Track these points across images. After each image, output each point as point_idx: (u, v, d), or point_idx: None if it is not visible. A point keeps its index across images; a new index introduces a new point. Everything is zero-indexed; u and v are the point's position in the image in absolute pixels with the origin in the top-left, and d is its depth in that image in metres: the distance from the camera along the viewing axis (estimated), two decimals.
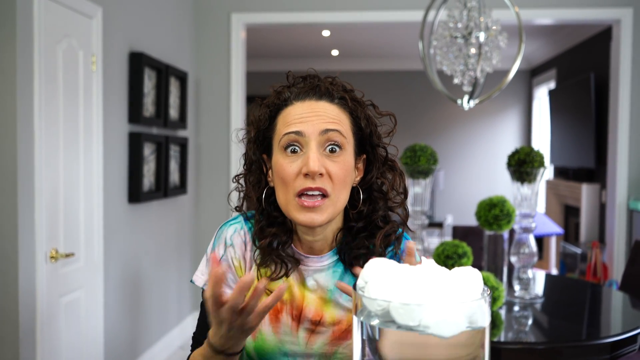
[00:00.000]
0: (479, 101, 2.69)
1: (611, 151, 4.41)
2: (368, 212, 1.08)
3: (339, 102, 1.05)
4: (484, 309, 0.59)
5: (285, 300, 1.08)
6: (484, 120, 7.98)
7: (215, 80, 4.43)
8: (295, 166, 1.00)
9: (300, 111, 1.02)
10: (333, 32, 6.38)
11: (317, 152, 0.99)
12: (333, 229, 1.08)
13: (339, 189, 1.01)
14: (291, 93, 1.06)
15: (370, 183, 1.08)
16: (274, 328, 1.08)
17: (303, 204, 0.99)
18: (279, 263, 1.06)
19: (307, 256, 1.08)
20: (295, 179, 0.99)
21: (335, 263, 1.09)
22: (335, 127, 1.01)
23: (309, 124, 1.00)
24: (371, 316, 0.60)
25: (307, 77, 1.09)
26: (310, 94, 1.04)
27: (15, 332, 2.34)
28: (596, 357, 1.96)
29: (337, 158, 1.00)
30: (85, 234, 2.83)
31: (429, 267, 0.62)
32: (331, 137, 1.00)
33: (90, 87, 2.86)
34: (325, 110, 1.02)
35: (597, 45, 5.55)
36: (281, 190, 1.02)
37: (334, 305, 1.07)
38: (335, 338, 1.07)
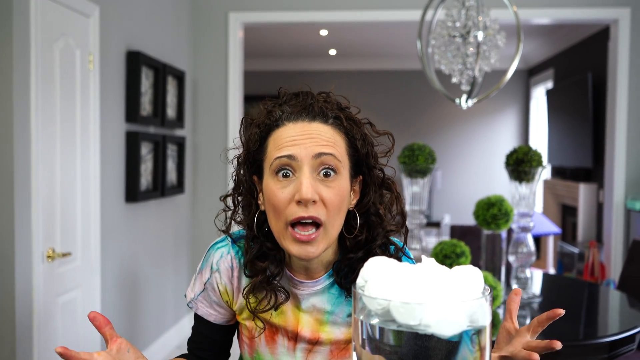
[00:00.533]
0: (477, 100, 2.69)
1: (608, 151, 4.42)
2: (366, 239, 1.02)
3: (333, 123, 0.98)
4: (485, 308, 0.59)
5: (278, 325, 1.04)
6: (482, 120, 7.99)
7: (212, 79, 4.42)
8: (287, 192, 0.94)
9: (293, 133, 0.95)
10: (331, 32, 6.38)
11: (310, 178, 0.93)
12: (328, 254, 1.03)
13: (334, 216, 0.95)
14: (283, 112, 0.99)
15: (367, 207, 1.01)
16: (271, 349, 1.05)
17: (296, 237, 0.94)
18: (269, 292, 1.02)
19: (301, 281, 1.04)
20: (287, 206, 0.94)
21: (330, 286, 1.05)
22: (329, 151, 0.94)
23: (302, 147, 0.93)
24: (371, 315, 0.60)
25: (300, 94, 1.01)
26: (302, 115, 0.97)
27: (12, 332, 2.33)
28: (594, 356, 1.96)
29: (331, 183, 0.94)
30: (82, 233, 2.82)
31: (429, 266, 0.61)
32: (325, 161, 0.94)
33: (87, 86, 2.85)
34: (318, 132, 0.95)
35: (595, 45, 5.56)
36: (273, 218, 0.96)
37: (331, 325, 1.04)
38: (334, 357, 1.04)
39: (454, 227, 3.74)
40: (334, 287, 1.05)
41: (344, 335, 1.04)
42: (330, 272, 1.04)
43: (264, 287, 1.01)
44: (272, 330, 1.05)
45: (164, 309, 3.94)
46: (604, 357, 1.95)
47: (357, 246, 1.02)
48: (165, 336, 3.93)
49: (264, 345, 1.05)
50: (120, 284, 3.28)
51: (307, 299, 1.04)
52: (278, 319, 1.05)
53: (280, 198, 0.94)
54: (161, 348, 3.86)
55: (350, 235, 1.01)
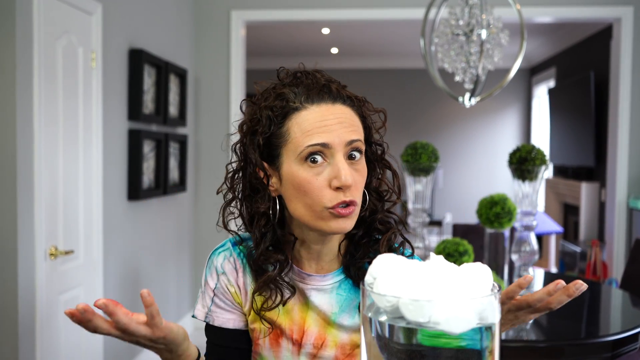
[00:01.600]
0: (480, 99, 2.68)
1: (611, 150, 4.41)
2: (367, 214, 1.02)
3: (349, 104, 0.98)
4: (494, 305, 0.58)
5: (284, 326, 1.03)
6: (483, 119, 7.98)
7: (214, 77, 4.42)
8: (322, 178, 0.93)
9: (320, 117, 0.94)
10: (333, 30, 6.37)
11: (345, 164, 0.93)
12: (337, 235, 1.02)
13: (360, 194, 0.97)
14: (296, 94, 0.96)
15: (369, 183, 1.02)
16: (275, 353, 1.04)
17: (340, 213, 0.93)
18: (275, 290, 1.00)
19: (309, 274, 1.03)
20: (324, 192, 0.93)
21: (340, 284, 1.04)
22: (358, 137, 0.95)
23: (334, 134, 0.93)
24: (380, 312, 0.60)
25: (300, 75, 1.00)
26: (324, 97, 0.96)
27: (15, 330, 2.33)
28: (597, 355, 1.96)
29: (358, 165, 0.96)
30: (85, 231, 2.82)
31: (438, 263, 0.61)
32: (355, 146, 0.95)
33: (89, 84, 2.85)
34: (344, 115, 0.95)
35: (597, 44, 5.55)
36: (304, 205, 0.94)
37: (338, 327, 1.03)
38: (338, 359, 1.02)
39: (456, 226, 3.74)
40: (342, 286, 1.04)
41: (350, 339, 1.02)
42: (339, 271, 1.04)
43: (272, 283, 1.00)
44: (276, 332, 1.03)
45: (166, 307, 3.94)
46: (607, 355, 1.95)
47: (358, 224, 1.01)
48: None
49: (267, 348, 1.04)
50: (123, 282, 3.28)
51: (315, 296, 1.03)
52: (284, 319, 1.03)
53: (316, 185, 0.93)
54: None
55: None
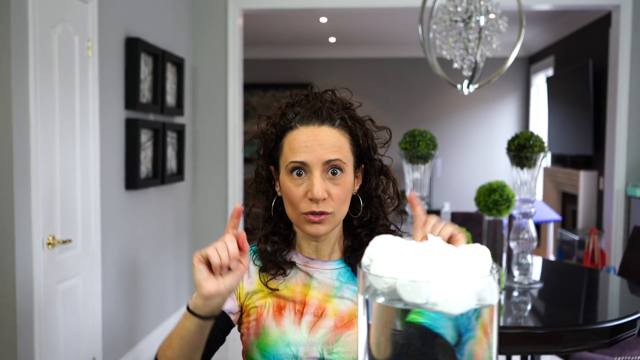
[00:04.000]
0: (478, 86, 2.67)
1: (609, 138, 4.41)
2: (370, 219, 1.18)
3: (339, 125, 1.13)
4: (492, 286, 0.58)
5: (287, 297, 1.15)
6: (482, 108, 7.96)
7: (212, 66, 4.40)
8: (301, 190, 1.10)
9: (305, 138, 1.11)
10: (330, 19, 6.34)
11: (320, 179, 1.09)
12: (335, 232, 1.18)
13: (340, 205, 1.12)
14: (295, 115, 1.14)
15: (369, 192, 1.19)
16: (277, 322, 1.14)
17: (310, 219, 1.10)
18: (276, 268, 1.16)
19: (312, 259, 1.18)
20: (301, 200, 1.10)
21: (340, 271, 1.17)
22: (336, 157, 1.10)
23: (313, 155, 1.09)
24: (377, 294, 0.59)
25: (310, 96, 1.16)
26: (313, 119, 1.12)
27: (13, 319, 2.33)
28: (596, 341, 1.96)
29: (338, 180, 1.11)
30: (83, 220, 2.81)
31: (436, 244, 0.61)
32: (333, 164, 1.10)
33: (86, 72, 2.83)
34: (327, 138, 1.11)
35: (596, 32, 5.53)
36: (290, 207, 1.13)
37: (339, 300, 1.14)
38: (337, 327, 1.12)
39: (454, 214, 3.74)
40: (342, 273, 1.17)
41: (349, 310, 1.14)
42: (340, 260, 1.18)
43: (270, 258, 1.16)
44: (279, 304, 1.15)
45: (165, 296, 3.94)
46: (605, 342, 1.95)
47: (362, 226, 1.19)
48: (165, 324, 3.94)
49: (270, 319, 1.14)
50: (121, 271, 3.28)
51: (317, 275, 1.16)
52: (287, 292, 1.15)
53: (295, 194, 1.11)
54: (162, 335, 3.87)
55: (356, 216, 1.18)
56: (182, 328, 1.04)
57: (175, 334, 1.06)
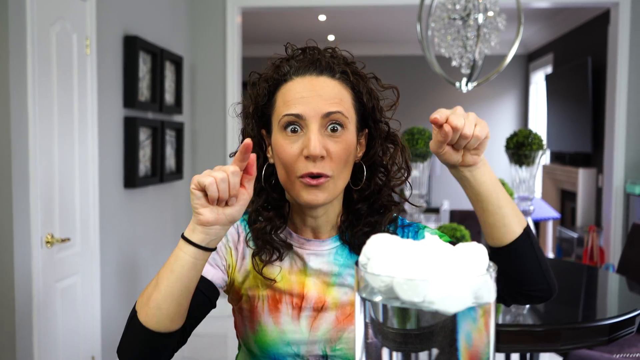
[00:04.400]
0: (477, 84, 2.67)
1: (608, 135, 4.41)
2: (372, 191, 1.05)
3: (340, 77, 1.01)
4: (489, 285, 0.58)
5: (283, 290, 1.04)
6: (481, 105, 7.96)
7: (210, 65, 4.39)
8: (296, 147, 0.97)
9: (300, 88, 0.98)
10: (329, 17, 6.33)
11: (318, 134, 0.96)
12: (335, 208, 1.06)
13: (340, 169, 0.98)
14: (290, 67, 1.01)
15: (373, 159, 1.05)
16: (274, 319, 1.04)
17: (307, 182, 0.96)
18: (271, 250, 1.04)
19: (308, 239, 1.06)
20: (296, 161, 0.97)
21: (337, 249, 1.06)
22: (336, 109, 0.97)
23: (310, 106, 0.96)
24: (374, 293, 0.59)
25: (307, 50, 1.04)
26: (310, 69, 1.00)
27: (12, 317, 2.33)
28: (594, 339, 1.97)
29: (338, 138, 0.97)
30: (81, 218, 2.81)
31: (433, 243, 0.61)
32: (333, 118, 0.97)
33: (84, 70, 2.83)
34: (326, 88, 0.98)
35: (595, 29, 5.52)
36: (282, 171, 0.99)
37: (338, 288, 1.04)
38: (339, 323, 1.04)
39: (453, 212, 3.74)
40: (338, 251, 1.06)
41: (349, 299, 1.04)
42: (337, 237, 1.06)
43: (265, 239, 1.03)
44: (275, 298, 1.04)
45: None
46: (604, 339, 1.95)
47: (363, 199, 1.05)
48: None
49: (267, 314, 1.04)
50: (120, 269, 3.28)
51: (313, 261, 1.05)
52: (283, 284, 1.04)
53: (289, 153, 0.97)
54: None
55: (357, 187, 1.05)
56: (173, 261, 0.89)
57: (164, 270, 0.90)
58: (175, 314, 0.90)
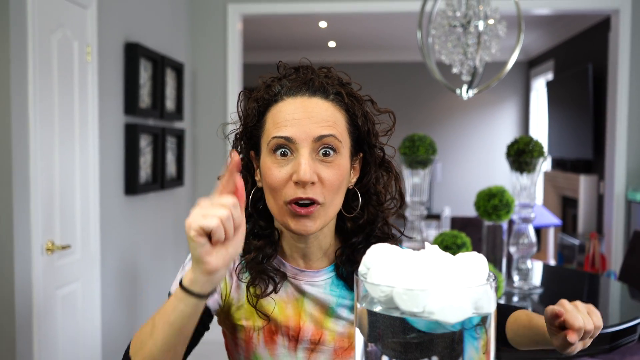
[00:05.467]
0: (477, 91, 2.67)
1: (609, 142, 4.40)
2: (367, 220, 1.01)
3: (334, 99, 0.96)
4: (489, 295, 0.58)
5: (279, 322, 1.00)
6: (481, 112, 7.97)
7: (211, 71, 4.40)
8: (285, 172, 0.91)
9: (292, 110, 0.93)
10: (330, 24, 6.35)
11: (308, 159, 0.90)
12: (326, 235, 1.01)
13: (332, 195, 0.93)
14: (282, 87, 0.96)
15: (367, 186, 1.00)
16: (270, 351, 1.00)
17: (295, 211, 0.91)
18: (266, 280, 0.98)
19: (302, 270, 1.01)
20: (285, 186, 0.91)
21: (332, 280, 1.02)
22: (329, 132, 0.92)
23: (301, 129, 0.91)
24: (374, 303, 0.59)
25: (300, 69, 0.99)
26: (302, 89, 0.94)
27: (12, 325, 2.32)
28: (596, 347, 1.96)
29: (330, 163, 0.92)
30: (82, 225, 2.81)
31: (433, 253, 0.60)
32: (325, 142, 0.92)
33: (85, 77, 2.83)
34: (318, 110, 0.93)
35: (596, 36, 5.53)
36: (270, 196, 0.94)
37: (335, 320, 1.00)
38: (337, 356, 1.00)
39: (454, 219, 3.74)
40: (336, 281, 1.02)
41: (348, 333, 1.00)
42: (332, 267, 1.02)
43: (258, 269, 0.98)
44: (271, 329, 1.00)
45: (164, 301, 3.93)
46: (606, 347, 1.94)
47: (357, 229, 1.01)
48: None
49: (262, 347, 1.00)
50: (120, 276, 3.28)
51: (309, 290, 1.01)
52: (279, 315, 1.00)
53: (278, 177, 0.92)
54: None
55: (350, 215, 1.00)
56: (171, 312, 0.83)
57: (160, 320, 0.84)
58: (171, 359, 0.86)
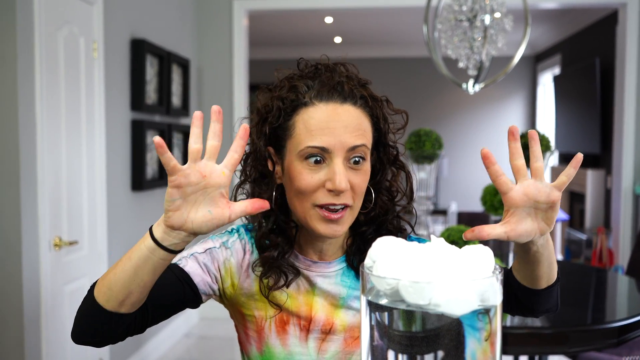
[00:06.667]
0: (484, 85, 2.66)
1: (617, 137, 4.38)
2: (378, 213, 1.03)
3: (361, 104, 0.97)
4: (495, 287, 0.57)
5: (291, 311, 1.02)
6: (488, 107, 7.94)
7: (217, 67, 4.40)
8: (318, 178, 0.93)
9: (325, 117, 0.93)
10: (336, 19, 6.33)
11: (343, 168, 0.92)
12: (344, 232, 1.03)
13: (359, 198, 0.97)
14: (309, 88, 0.96)
15: (380, 183, 1.03)
16: (282, 340, 1.02)
17: (325, 216, 0.94)
18: (279, 274, 1.01)
19: (315, 261, 1.03)
20: (316, 191, 0.93)
21: (344, 270, 1.04)
22: (362, 142, 0.94)
23: (336, 139, 0.92)
24: (380, 295, 0.59)
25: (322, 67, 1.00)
26: (334, 95, 0.95)
27: (20, 320, 2.34)
28: (603, 341, 1.95)
29: (360, 169, 0.95)
30: (89, 222, 2.82)
31: (438, 245, 0.60)
32: (358, 152, 0.94)
33: (91, 74, 2.84)
34: (350, 119, 0.94)
35: (603, 30, 5.50)
36: (297, 198, 0.96)
37: (346, 310, 1.03)
38: (347, 346, 1.02)
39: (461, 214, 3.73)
40: (347, 271, 1.04)
41: (358, 323, 1.02)
42: (344, 258, 1.04)
43: (273, 264, 1.00)
44: (282, 319, 1.02)
45: None
46: (613, 341, 1.94)
47: (369, 221, 1.04)
48: (172, 325, 3.94)
49: (274, 336, 1.02)
50: None
51: (321, 283, 1.03)
52: (290, 305, 1.02)
53: (310, 183, 0.93)
54: (169, 337, 3.88)
55: (364, 210, 1.02)
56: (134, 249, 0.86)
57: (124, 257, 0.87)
58: (125, 298, 0.87)
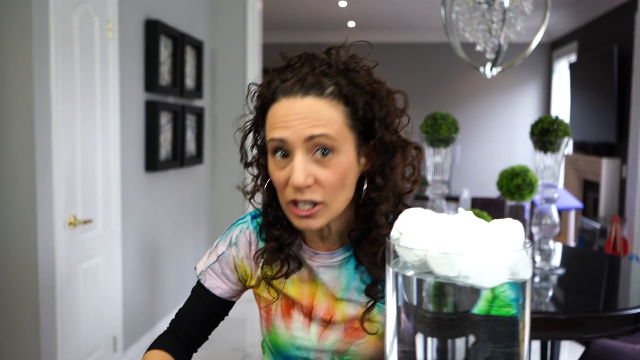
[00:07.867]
0: (501, 69, 2.63)
1: (633, 125, 4.33)
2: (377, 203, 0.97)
3: (330, 94, 0.92)
4: (526, 261, 0.56)
5: (295, 299, 1.05)
6: (502, 94, 7.87)
7: (231, 50, 4.39)
8: (284, 174, 0.92)
9: (284, 112, 0.91)
10: (350, 3, 6.29)
11: (302, 162, 0.90)
12: (343, 220, 1.00)
13: (334, 193, 0.92)
14: (281, 82, 0.94)
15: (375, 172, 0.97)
16: (286, 323, 1.06)
17: (294, 212, 0.93)
18: (279, 264, 1.03)
19: (316, 252, 1.04)
20: (285, 187, 0.93)
21: (347, 260, 1.04)
22: (321, 132, 0.89)
23: (292, 130, 0.90)
24: (407, 267, 0.58)
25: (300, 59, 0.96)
26: (295, 89, 0.92)
27: (35, 298, 2.36)
28: (619, 328, 1.94)
29: (328, 162, 0.90)
30: (103, 201, 2.83)
31: (467, 218, 0.59)
32: (318, 142, 0.90)
33: (106, 54, 2.83)
34: (310, 111, 0.90)
35: (621, 17, 5.41)
36: (278, 193, 0.96)
37: (346, 303, 1.03)
38: (347, 336, 1.04)
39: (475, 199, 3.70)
40: (350, 261, 1.04)
41: (357, 314, 1.02)
42: (348, 246, 1.03)
43: (276, 254, 1.03)
44: (287, 303, 1.06)
45: (183, 277, 3.97)
46: (629, 329, 1.92)
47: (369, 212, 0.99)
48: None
49: (279, 318, 1.06)
50: (141, 251, 3.31)
51: (323, 274, 1.04)
52: (294, 292, 1.05)
53: (279, 178, 0.93)
54: None
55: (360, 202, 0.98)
56: None
57: None
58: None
